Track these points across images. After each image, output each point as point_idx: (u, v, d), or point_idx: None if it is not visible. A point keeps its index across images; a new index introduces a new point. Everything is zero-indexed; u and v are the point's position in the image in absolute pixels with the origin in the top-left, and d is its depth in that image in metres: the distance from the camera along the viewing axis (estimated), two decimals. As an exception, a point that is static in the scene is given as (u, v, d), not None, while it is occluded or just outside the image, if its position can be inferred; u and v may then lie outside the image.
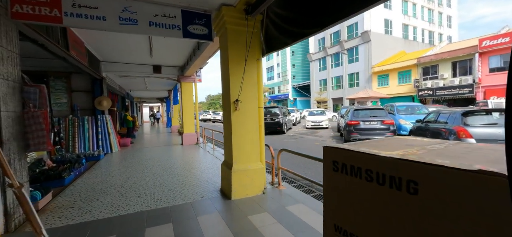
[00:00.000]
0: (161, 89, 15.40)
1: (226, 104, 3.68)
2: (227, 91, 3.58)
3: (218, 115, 31.07)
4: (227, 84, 3.52)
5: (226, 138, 3.75)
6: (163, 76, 9.27)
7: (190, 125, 9.55)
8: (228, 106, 3.58)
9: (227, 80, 3.51)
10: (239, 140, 3.54)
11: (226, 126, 3.72)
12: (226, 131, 3.73)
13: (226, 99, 3.67)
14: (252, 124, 3.64)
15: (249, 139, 3.61)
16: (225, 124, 3.80)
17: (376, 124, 8.30)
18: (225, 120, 3.79)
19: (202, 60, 6.71)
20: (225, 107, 3.72)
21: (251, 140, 3.63)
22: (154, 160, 6.55)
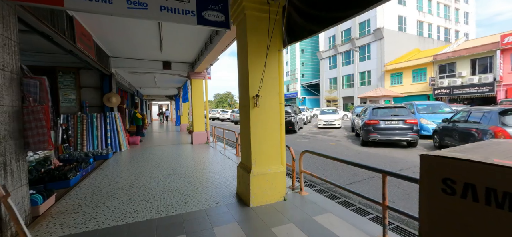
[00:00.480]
0: (170, 87, 15.23)
1: (243, 99, 3.30)
2: (245, 85, 3.19)
3: (226, 114, 30.83)
4: (246, 77, 3.14)
5: (244, 137, 3.37)
6: (173, 72, 9.00)
7: (200, 124, 9.25)
8: (246, 102, 3.19)
9: (246, 73, 3.13)
10: (259, 140, 3.14)
11: (244, 124, 3.33)
12: (244, 130, 3.35)
13: (244, 94, 3.28)
14: (273, 122, 3.24)
15: (269, 139, 3.22)
16: (242, 122, 3.42)
17: (398, 124, 7.72)
18: (242, 117, 3.40)
19: (214, 55, 6.35)
20: (243, 103, 3.34)
21: (271, 140, 3.23)
22: (164, 159, 6.26)
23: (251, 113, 3.09)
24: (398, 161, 6.26)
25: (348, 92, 38.15)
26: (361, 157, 6.94)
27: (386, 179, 2.23)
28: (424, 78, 28.12)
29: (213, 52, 6.02)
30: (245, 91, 3.20)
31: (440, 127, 7.61)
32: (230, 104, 66.00)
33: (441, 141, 7.53)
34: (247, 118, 3.16)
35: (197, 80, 9.18)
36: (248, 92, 3.11)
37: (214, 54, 6.35)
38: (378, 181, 4.68)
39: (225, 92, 71.28)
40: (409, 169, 5.51)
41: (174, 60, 8.60)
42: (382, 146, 8.25)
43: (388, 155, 6.95)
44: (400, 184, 4.42)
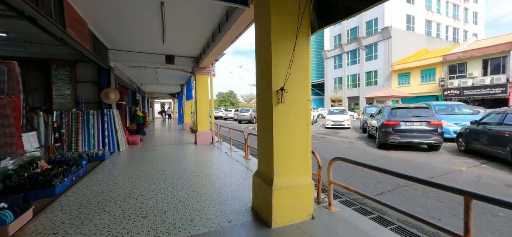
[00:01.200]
0: (173, 84, 14.67)
1: (263, 95, 2.69)
2: (266, 77, 2.59)
3: (230, 113, 30.24)
4: (267, 67, 2.53)
5: (263, 141, 2.76)
6: (176, 67, 8.42)
7: (204, 123, 8.66)
8: (267, 97, 2.59)
9: (267, 61, 2.52)
10: (283, 145, 2.54)
11: (264, 124, 2.72)
12: (263, 132, 2.74)
13: (264, 88, 2.68)
14: (300, 122, 2.64)
15: (295, 143, 2.61)
16: (261, 122, 2.81)
17: (421, 125, 7.06)
18: (262, 117, 2.79)
19: (223, 46, 5.75)
20: (262, 100, 2.73)
21: (298, 144, 2.63)
22: (166, 162, 5.68)
23: (274, 111, 2.48)
24: (424, 167, 5.62)
25: (353, 92, 37.42)
26: (381, 161, 6.31)
27: (471, 203, 1.61)
28: (433, 78, 27.34)
29: (222, 43, 5.41)
30: (266, 84, 2.59)
31: (467, 129, 6.95)
32: (233, 103, 65.47)
33: (467, 145, 6.88)
34: (269, 118, 2.55)
35: (202, 75, 8.59)
36: (270, 86, 2.50)
37: (222, 46, 5.74)
38: (411, 191, 4.06)
39: (228, 91, 70.86)
40: (441, 177, 4.87)
41: (178, 53, 8.01)
42: (401, 149, 7.60)
43: (411, 160, 6.30)
44: (439, 195, 3.79)
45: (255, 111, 23.61)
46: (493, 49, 22.29)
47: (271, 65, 2.45)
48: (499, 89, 21.40)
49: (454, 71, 25.35)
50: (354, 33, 37.28)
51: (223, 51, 6.22)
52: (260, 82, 2.79)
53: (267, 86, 2.57)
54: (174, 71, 9.93)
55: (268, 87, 2.55)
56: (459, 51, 25.75)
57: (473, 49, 24.25)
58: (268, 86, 2.54)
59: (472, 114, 9.56)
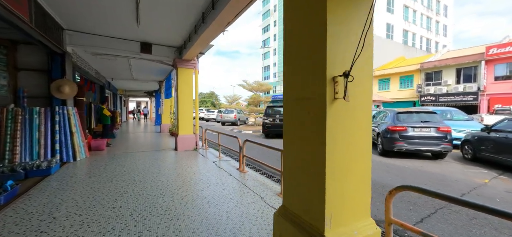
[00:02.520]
0: (150, 79, 12.99)
1: (305, 86, 1.62)
2: (312, 55, 1.53)
3: (212, 114, 28.69)
4: (317, 38, 1.47)
5: (301, 161, 1.68)
6: (154, 57, 7.03)
7: (187, 125, 7.35)
8: (312, 90, 1.53)
9: (318, 28, 1.46)
10: (340, 169, 1.50)
11: (303, 134, 1.64)
12: (302, 146, 1.67)
13: (305, 74, 1.61)
14: (364, 132, 1.62)
15: (356, 166, 1.59)
16: (295, 129, 1.73)
17: (429, 132, 6.51)
18: (296, 121, 1.71)
19: (214, 31, 4.59)
20: (301, 94, 1.66)
21: (359, 168, 1.60)
22: (137, 177, 4.35)
23: (330, 113, 1.43)
24: (444, 179, 4.96)
25: (335, 96, 37.91)
26: (391, 171, 5.58)
27: None
28: (411, 85, 28.45)
29: (214, 26, 4.25)
30: (311, 68, 1.53)
31: (475, 136, 6.53)
32: (214, 104, 63.51)
33: (475, 152, 6.45)
34: (316, 124, 1.49)
35: (185, 69, 7.29)
36: (320, 70, 1.45)
37: (214, 30, 4.58)
38: (452, 214, 3.26)
39: (209, 91, 68.84)
40: (472, 193, 4.18)
41: (156, 41, 6.64)
42: (404, 156, 7.00)
43: (424, 170, 5.65)
44: (493, 221, 3.01)
45: (240, 112, 22.41)
46: (465, 59, 23.61)
47: (326, 34, 1.40)
48: (471, 97, 22.66)
49: (431, 78, 26.55)
50: (337, 38, 37.84)
51: (214, 38, 5.04)
52: (294, 65, 1.71)
53: (313, 71, 1.51)
54: (151, 64, 8.47)
55: (315, 73, 1.49)
56: (435, 60, 27.07)
57: (447, 58, 25.56)
58: (315, 71, 1.49)
59: (467, 120, 9.42)
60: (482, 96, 22.19)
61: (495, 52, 21.71)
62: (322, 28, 1.42)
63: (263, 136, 12.69)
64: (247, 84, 18.98)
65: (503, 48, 21.33)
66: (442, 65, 25.22)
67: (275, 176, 4.89)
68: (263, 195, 3.47)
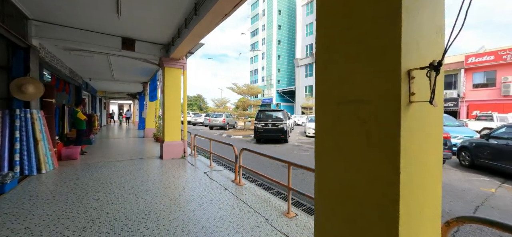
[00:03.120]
0: (133, 80, 12.07)
1: (360, 84, 1.12)
2: (374, 42, 1.04)
3: (199, 118, 27.75)
4: (391, 19, 0.98)
5: (345, 188, 1.18)
6: (138, 55, 6.33)
7: (174, 131, 6.67)
8: (373, 89, 1.04)
9: (393, 4, 0.98)
10: (418, 204, 1.01)
11: (358, 150, 1.14)
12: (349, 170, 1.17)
13: (361, 67, 1.12)
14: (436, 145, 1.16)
15: (431, 196, 1.11)
16: (340, 144, 1.22)
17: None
18: (339, 132, 1.21)
19: (208, 25, 4.04)
20: (354, 95, 1.16)
21: (434, 198, 1.13)
22: (114, 194, 3.66)
23: (405, 120, 0.94)
24: (453, 189, 4.71)
25: (323, 101, 38.36)
26: None
27: None
28: (396, 90, 29.28)
29: (208, 19, 3.71)
30: (369, 58, 1.05)
31: (473, 143, 6.44)
32: (201, 107, 62.21)
33: (473, 159, 6.34)
34: (382, 138, 1.00)
35: (173, 69, 6.64)
36: (385, 61, 0.97)
37: (206, 26, 4.03)
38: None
39: (196, 94, 67.62)
40: (485, 205, 3.92)
41: (140, 37, 5.95)
42: None
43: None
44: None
45: (228, 116, 21.75)
46: (446, 67, 24.64)
47: (400, 5, 0.93)
48: (452, 103, 23.61)
49: (414, 84, 27.48)
50: (324, 43, 38.44)
51: (207, 33, 4.48)
52: (336, 54, 1.22)
53: (373, 62, 1.03)
54: (134, 62, 7.72)
55: (377, 65, 1.01)
56: (418, 67, 28.07)
57: (429, 65, 26.61)
58: (377, 63, 1.01)
59: (458, 126, 9.49)
60: (462, 102, 23.19)
61: (473, 61, 22.82)
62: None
63: (254, 141, 12.18)
64: (236, 87, 18.43)
65: (480, 58, 22.48)
66: (425, 72, 26.17)
67: (274, 188, 4.38)
68: (268, 216, 2.94)
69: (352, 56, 1.14)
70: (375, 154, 1.03)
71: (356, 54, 1.12)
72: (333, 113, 1.25)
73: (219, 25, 4.31)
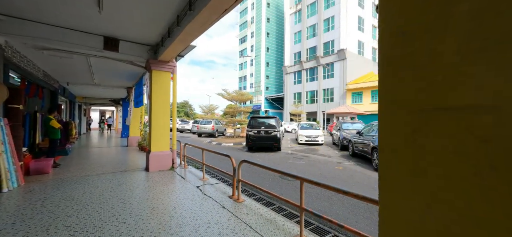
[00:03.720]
0: (117, 85, 11.26)
1: (471, 82, 0.75)
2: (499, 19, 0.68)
3: (187, 124, 26.85)
4: None
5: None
6: (122, 57, 5.75)
7: (162, 140, 6.08)
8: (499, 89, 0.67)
9: None
10: None
11: (468, 181, 0.76)
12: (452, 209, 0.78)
13: (473, 55, 0.74)
14: None
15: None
16: (432, 170, 0.84)
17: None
18: (431, 152, 0.83)
19: (199, 26, 3.62)
20: (461, 100, 0.78)
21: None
22: (90, 219, 3.07)
23: None
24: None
25: (311, 107, 38.79)
26: None
27: None
28: (382, 98, 30.15)
29: (204, 15, 3.29)
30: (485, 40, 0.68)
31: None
32: (188, 114, 60.86)
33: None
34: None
35: (162, 72, 6.11)
36: None
37: (202, 23, 3.61)
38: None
39: (182, 100, 66.34)
40: None
41: (125, 36, 5.39)
42: None
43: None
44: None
45: (218, 123, 21.13)
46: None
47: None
48: (435, 110, 24.60)
49: (399, 92, 28.45)
50: (313, 52, 39.18)
51: (202, 31, 4.05)
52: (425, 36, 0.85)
53: (493, 45, 0.66)
54: (118, 65, 7.08)
55: (501, 52, 0.64)
56: (402, 75, 29.16)
57: (412, 74, 27.72)
58: (500, 47, 0.64)
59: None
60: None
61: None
62: None
63: (246, 150, 11.71)
64: (226, 93, 17.96)
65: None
66: (408, 80, 27.22)
67: (275, 203, 3.96)
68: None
69: (460, 39, 0.76)
70: (507, 191, 0.65)
71: (460, 33, 0.75)
72: (411, 123, 0.86)
73: (206, 32, 3.90)
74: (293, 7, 43.19)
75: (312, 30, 39.69)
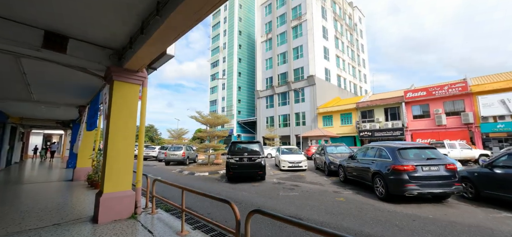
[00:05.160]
0: (64, 103, 9.00)
1: None
2: None
3: (152, 151, 23.88)
4: None
5: None
6: (72, 61, 4.19)
7: (122, 173, 4.42)
8: None
9: None
10: None
11: None
12: None
13: None
14: None
15: None
16: None
17: (438, 171, 5.72)
18: None
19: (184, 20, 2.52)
20: None
21: None
22: None
23: None
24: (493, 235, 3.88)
25: (284, 131, 38.86)
26: (407, 226, 4.25)
27: None
28: (350, 121, 31.64)
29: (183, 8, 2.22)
30: None
31: (475, 173, 6.13)
32: (153, 139, 55.98)
33: (478, 191, 5.96)
34: None
35: (127, 85, 4.65)
36: None
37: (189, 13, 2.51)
38: None
39: (147, 125, 61.21)
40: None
41: (77, 33, 3.91)
42: (404, 201, 5.99)
43: (448, 219, 4.57)
44: None
45: (189, 149, 19.06)
46: (390, 100, 28.00)
47: None
48: (398, 132, 26.34)
49: (366, 116, 30.16)
50: (284, 77, 40.32)
51: (193, 24, 2.92)
52: None
53: None
54: (65, 73, 5.37)
55: None
56: (366, 100, 31.25)
57: (376, 99, 29.87)
58: None
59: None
60: (406, 131, 26.05)
61: (411, 95, 26.44)
62: None
63: (226, 180, 10.19)
64: (200, 116, 16.39)
65: (416, 93, 26.24)
66: (373, 105, 29.17)
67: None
68: None
69: None
70: None
71: None
72: None
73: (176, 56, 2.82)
74: (264, 36, 44.83)
75: (282, 57, 41.22)
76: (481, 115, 21.28)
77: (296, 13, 39.81)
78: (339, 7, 45.68)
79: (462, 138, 21.85)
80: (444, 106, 24.05)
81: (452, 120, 23.28)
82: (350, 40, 47.55)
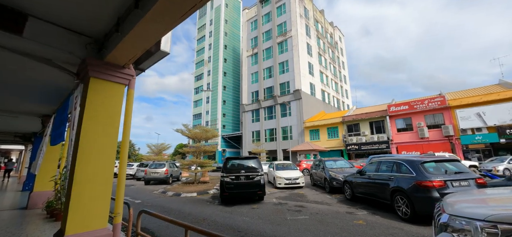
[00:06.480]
0: (22, 111, 7.35)
1: None
2: None
3: (130, 168, 21.57)
4: None
5: None
6: (33, 48, 3.03)
7: (98, 204, 3.19)
8: None
9: None
10: None
11: None
12: None
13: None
14: None
15: None
16: None
17: (469, 186, 5.16)
18: None
19: None
20: None
21: None
22: None
23: None
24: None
25: (271, 146, 38.08)
26: None
27: None
28: (337, 135, 31.78)
29: None
30: None
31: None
32: (129, 155, 52.11)
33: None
34: None
35: (108, 84, 3.53)
36: None
37: None
38: None
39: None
40: None
41: (42, 11, 2.82)
42: (424, 222, 5.34)
43: None
44: None
45: (172, 166, 17.37)
46: (374, 114, 28.64)
47: None
48: (384, 145, 26.75)
49: (352, 130, 30.48)
50: (270, 91, 40.16)
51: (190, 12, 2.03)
52: None
53: None
54: (21, 65, 4.10)
55: None
56: (352, 114, 31.76)
57: (361, 113, 30.46)
58: None
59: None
60: (392, 144, 26.54)
61: (394, 109, 27.25)
62: None
63: (218, 202, 8.94)
64: (187, 130, 15.04)
65: (398, 107, 27.11)
66: (358, 119, 29.64)
67: None
68: None
69: None
70: None
71: None
72: None
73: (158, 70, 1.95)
74: (250, 50, 44.93)
75: (268, 71, 41.27)
76: (460, 128, 22.27)
77: (282, 29, 40.54)
78: (321, 26, 47.57)
79: (444, 150, 22.62)
80: (426, 119, 24.95)
81: (434, 132, 24.11)
82: (332, 57, 49.31)
